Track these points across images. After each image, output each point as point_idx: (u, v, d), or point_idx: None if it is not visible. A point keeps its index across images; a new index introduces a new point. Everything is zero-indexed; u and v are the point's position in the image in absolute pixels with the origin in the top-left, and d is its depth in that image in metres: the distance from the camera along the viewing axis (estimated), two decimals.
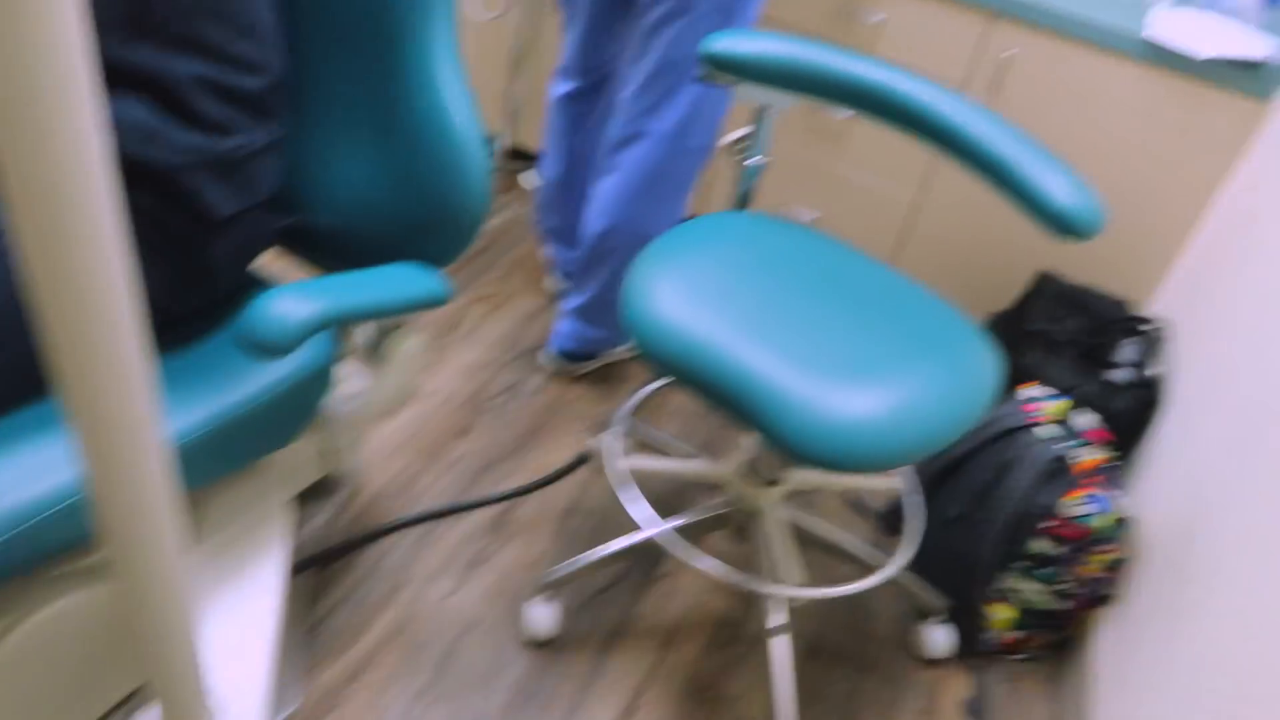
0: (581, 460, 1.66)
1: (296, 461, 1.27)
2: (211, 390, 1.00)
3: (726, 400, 1.06)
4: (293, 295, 0.90)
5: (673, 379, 1.10)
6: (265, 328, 0.87)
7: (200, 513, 1.16)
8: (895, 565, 1.47)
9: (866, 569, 1.54)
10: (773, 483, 1.37)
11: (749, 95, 1.27)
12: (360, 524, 1.46)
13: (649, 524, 1.52)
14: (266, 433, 1.06)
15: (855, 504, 1.70)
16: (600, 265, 1.70)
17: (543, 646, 1.35)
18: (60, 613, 0.97)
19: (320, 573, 1.38)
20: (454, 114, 1.03)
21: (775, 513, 1.39)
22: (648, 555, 1.52)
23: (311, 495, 1.49)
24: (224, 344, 1.05)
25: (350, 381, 1.19)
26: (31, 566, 0.91)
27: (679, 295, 1.13)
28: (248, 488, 1.19)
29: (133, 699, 1.13)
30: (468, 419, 1.70)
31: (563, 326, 1.81)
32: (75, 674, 1.03)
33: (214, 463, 1.02)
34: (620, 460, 1.54)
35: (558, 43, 2.17)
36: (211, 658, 1.08)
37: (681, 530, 1.42)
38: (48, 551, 0.90)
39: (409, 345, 1.15)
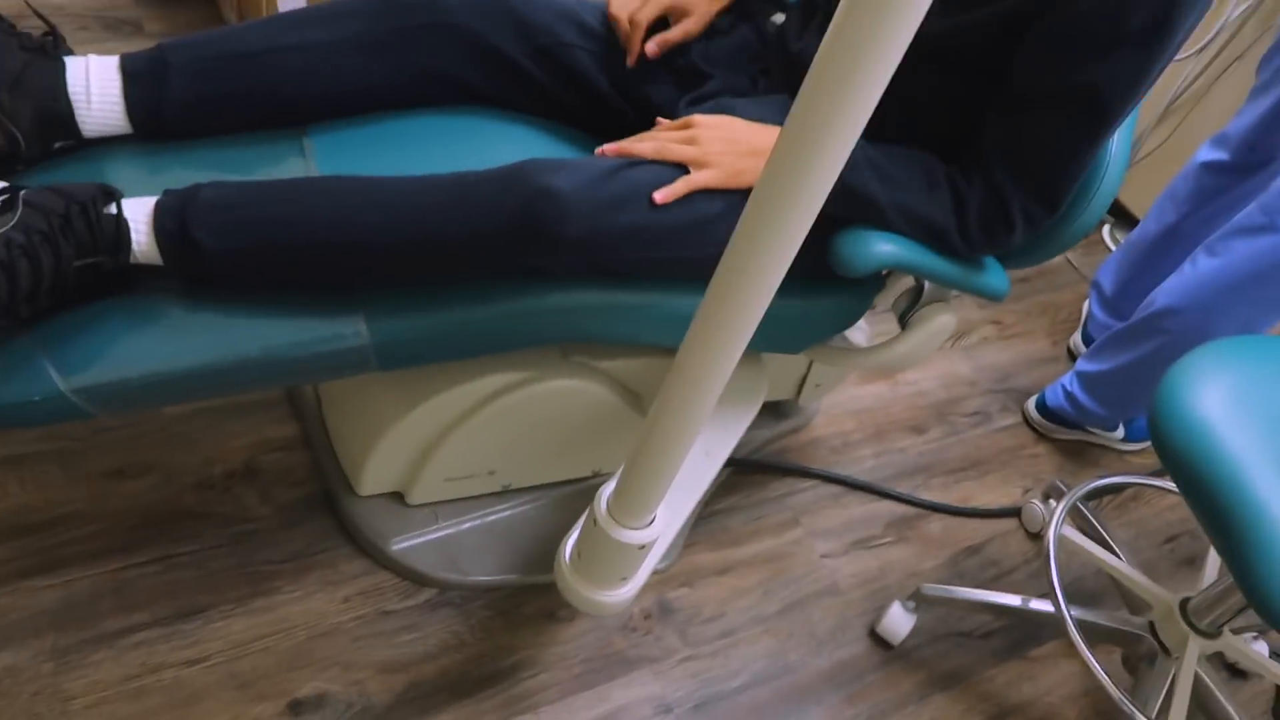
0: (1012, 513, 1.62)
1: (783, 373, 1.41)
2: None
3: (1223, 525, 0.99)
4: (880, 233, 1.04)
5: (1173, 480, 1.05)
6: (849, 247, 1.03)
7: None
8: None
9: None
10: (1209, 635, 1.25)
11: None
12: (787, 456, 1.58)
13: (1049, 600, 1.45)
14: (798, 331, 1.19)
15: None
16: (1139, 342, 1.59)
17: (883, 646, 1.39)
18: (566, 389, 1.21)
19: (733, 473, 1.53)
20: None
21: (1191, 664, 1.26)
22: (1027, 629, 1.46)
23: (764, 410, 1.64)
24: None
25: (854, 331, 1.28)
26: (554, 340, 1.15)
27: (1223, 399, 1.06)
28: (743, 372, 1.35)
29: (579, 481, 1.38)
30: (927, 421, 1.73)
31: (1063, 384, 1.74)
32: (556, 437, 1.29)
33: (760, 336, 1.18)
34: (1060, 527, 1.48)
35: (1223, 106, 2.00)
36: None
37: (1079, 624, 1.34)
38: (570, 337, 1.12)
39: (941, 321, 1.19)
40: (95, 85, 0.97)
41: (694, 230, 1.02)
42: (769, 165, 0.67)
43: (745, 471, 1.53)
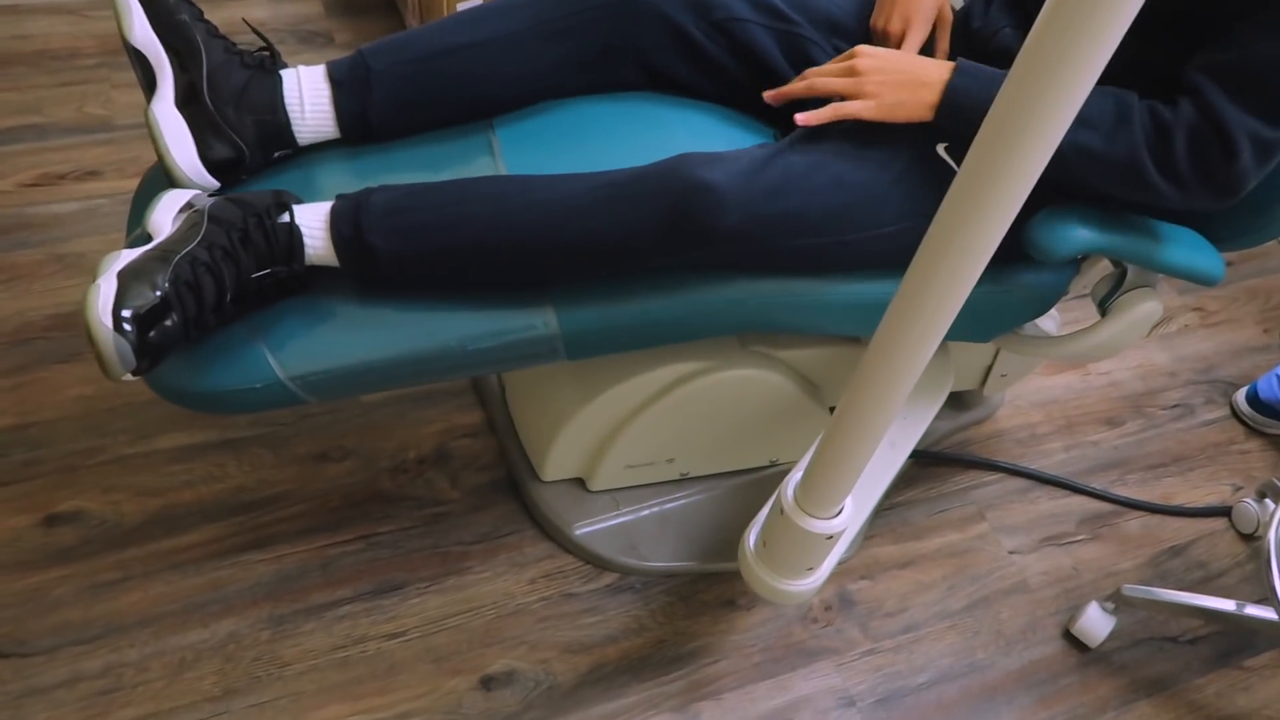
0: (1221, 512, 1.50)
1: (968, 363, 1.37)
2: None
3: None
4: (1078, 215, 1.00)
5: None
6: (1046, 230, 0.99)
7: None
8: None
9: None
10: None
11: None
12: (970, 449, 1.53)
13: (1269, 607, 1.35)
14: (988, 319, 1.16)
15: None
16: None
17: (1078, 648, 1.32)
18: (744, 378, 1.21)
19: (913, 465, 1.48)
20: None
21: None
22: (1240, 636, 1.36)
23: (945, 401, 1.59)
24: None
25: (1044, 318, 1.22)
26: (734, 331, 1.14)
27: None
28: (929, 362, 1.31)
29: (756, 471, 1.37)
30: (1123, 413, 1.63)
31: (1278, 375, 1.60)
32: (734, 427, 1.29)
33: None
34: None
35: None
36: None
37: None
38: (753, 328, 1.12)
39: (1145, 308, 1.12)
40: (307, 95, 1.03)
41: (853, 214, 0.99)
42: (979, 141, 0.64)
43: (926, 463, 1.49)
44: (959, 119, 0.96)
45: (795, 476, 0.99)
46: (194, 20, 0.99)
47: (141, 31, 0.97)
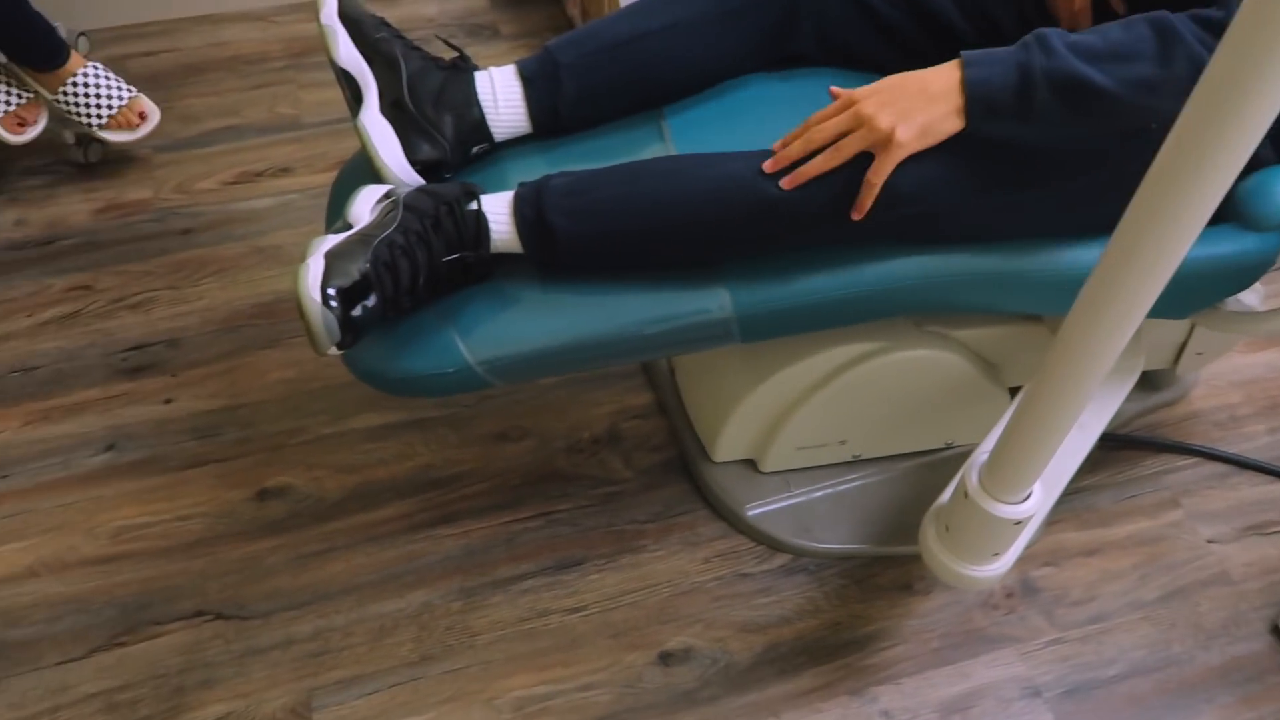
0: None
1: (1160, 340, 1.30)
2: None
3: None
4: None
5: None
6: (1258, 197, 0.96)
7: None
8: None
9: None
10: None
11: None
12: (1162, 431, 1.45)
13: None
14: (1187, 293, 1.09)
15: None
16: None
17: None
18: (919, 359, 1.19)
19: (1100, 448, 1.42)
20: None
21: None
22: None
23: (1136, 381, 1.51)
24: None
25: (1247, 292, 1.15)
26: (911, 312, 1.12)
27: None
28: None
29: (931, 453, 1.35)
30: None
31: None
32: (909, 408, 1.27)
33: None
34: None
35: None
36: None
37: None
38: (930, 308, 1.10)
39: None
40: (500, 92, 1.08)
41: (1053, 160, 0.96)
42: (1197, 92, 0.60)
43: (1114, 447, 1.42)
44: (994, 111, 0.91)
45: (980, 459, 0.97)
46: (392, 36, 1.05)
47: (346, 52, 1.04)
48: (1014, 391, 1.28)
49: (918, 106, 0.92)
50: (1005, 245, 1.03)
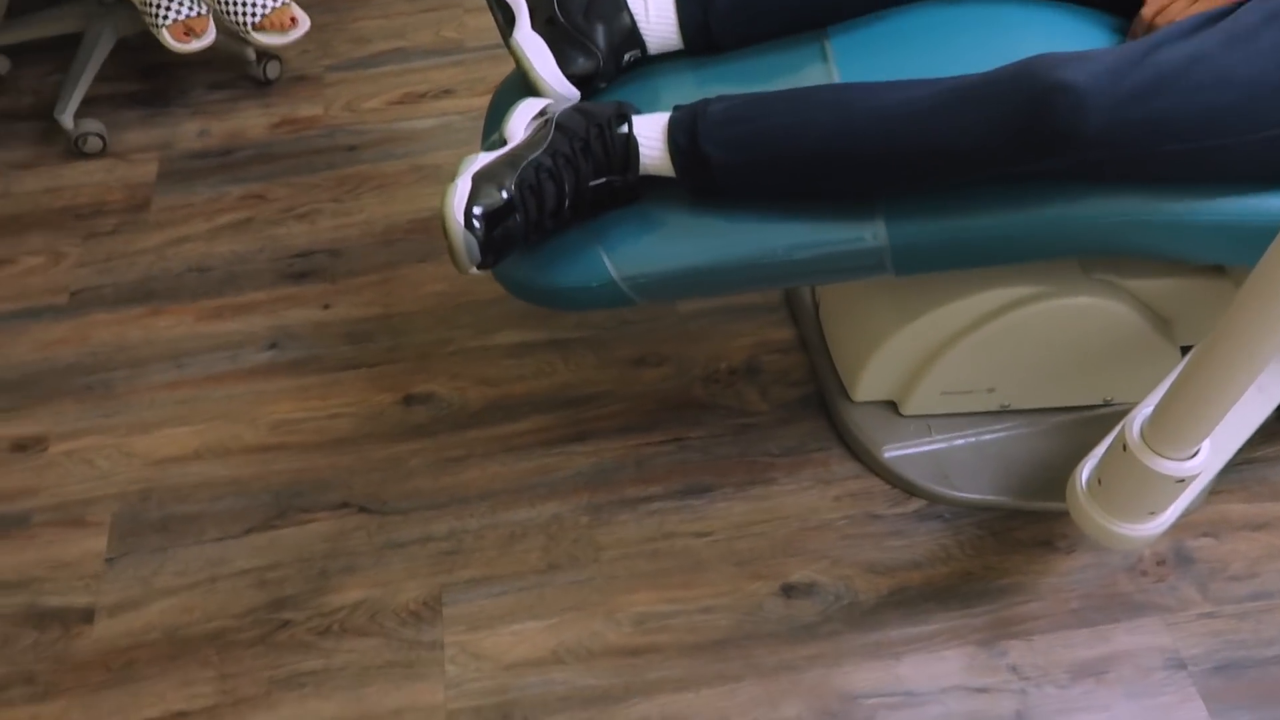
0: None
1: None
2: None
3: None
4: None
5: None
6: None
7: None
8: None
9: None
10: None
11: None
12: None
13: None
14: None
15: None
16: None
17: None
18: (1083, 307, 1.13)
19: (1278, 419, 1.31)
20: None
21: None
22: None
23: None
24: None
25: None
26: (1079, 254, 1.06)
27: None
28: None
29: (1087, 409, 1.28)
30: None
31: None
32: (1067, 359, 1.20)
33: None
34: None
35: None
36: None
37: None
38: (1103, 251, 1.03)
39: None
40: (652, 3, 1.06)
41: (1241, 113, 0.88)
42: None
43: None
44: None
45: (1144, 411, 0.91)
46: None
47: None
48: (1185, 351, 1.19)
49: None
50: (1192, 187, 0.96)
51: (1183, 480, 0.89)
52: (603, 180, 1.00)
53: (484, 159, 0.99)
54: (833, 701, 1.11)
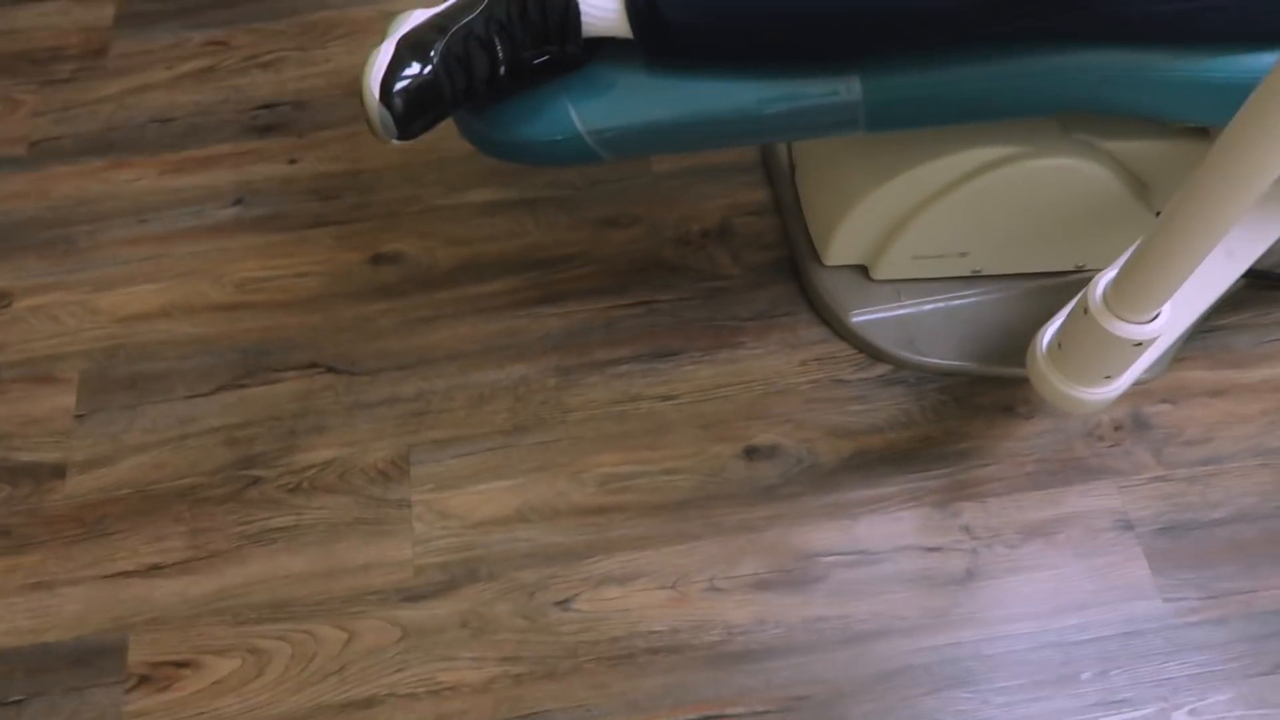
0: None
1: None
2: None
3: None
4: None
5: None
6: None
7: None
8: None
9: None
10: None
11: None
12: None
13: None
14: None
15: None
16: None
17: None
18: (1061, 168, 1.10)
19: (1247, 285, 1.31)
20: None
21: None
22: None
23: None
24: None
25: None
26: (1060, 110, 1.03)
27: None
28: None
29: (1058, 275, 1.27)
30: None
31: None
32: (1041, 223, 1.19)
33: None
34: None
35: None
36: None
37: None
38: (1085, 107, 1.00)
39: None
40: None
41: None
42: None
43: (1265, 287, 1.31)
44: None
45: (1108, 275, 0.90)
46: None
47: None
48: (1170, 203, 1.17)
49: None
50: (1178, 41, 0.92)
51: (1140, 344, 0.89)
52: (544, 56, 0.96)
53: (415, 19, 0.94)
54: (789, 559, 1.14)
